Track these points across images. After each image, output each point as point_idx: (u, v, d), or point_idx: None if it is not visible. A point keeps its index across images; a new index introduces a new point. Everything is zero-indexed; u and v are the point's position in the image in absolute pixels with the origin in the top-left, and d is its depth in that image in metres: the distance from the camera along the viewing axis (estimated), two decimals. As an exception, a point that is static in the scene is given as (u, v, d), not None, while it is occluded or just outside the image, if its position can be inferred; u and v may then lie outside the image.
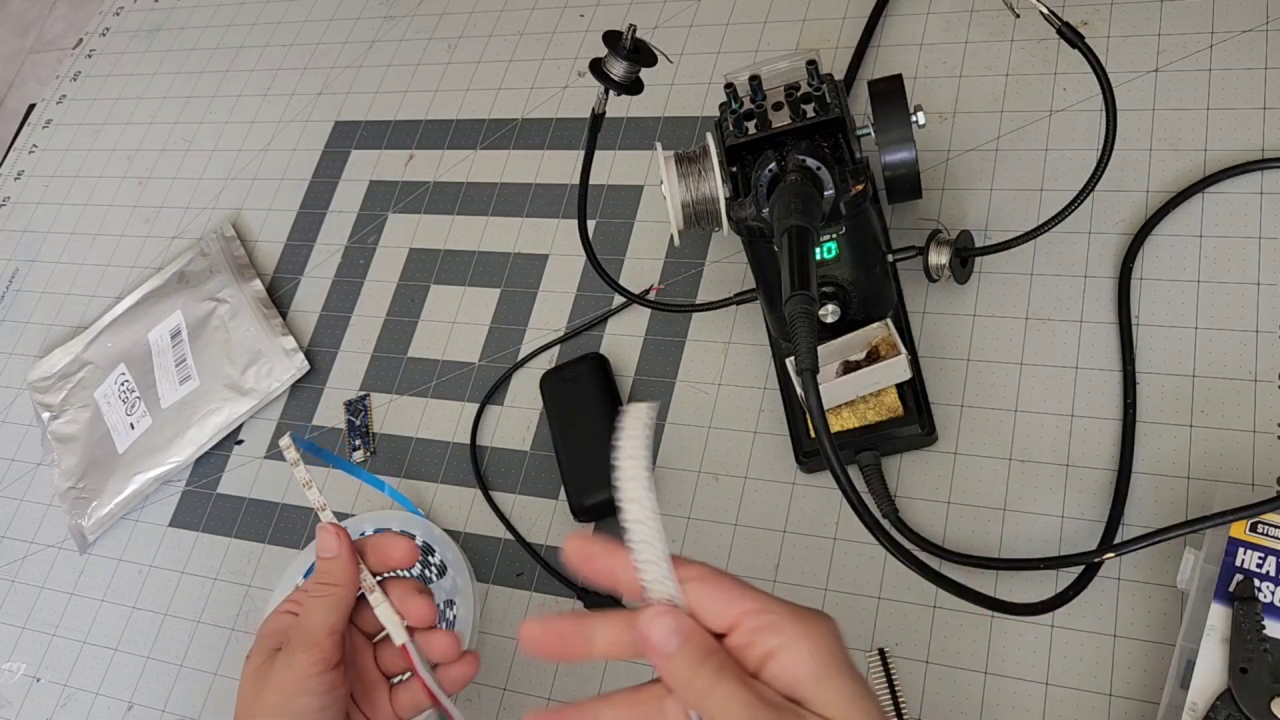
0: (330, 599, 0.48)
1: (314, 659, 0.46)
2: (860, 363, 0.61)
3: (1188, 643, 0.51)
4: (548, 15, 0.90)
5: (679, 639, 0.36)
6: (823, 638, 0.36)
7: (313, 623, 0.47)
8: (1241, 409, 0.59)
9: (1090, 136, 0.69)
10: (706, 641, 0.36)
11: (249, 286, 0.84)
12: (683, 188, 0.60)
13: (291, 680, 0.46)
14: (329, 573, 0.48)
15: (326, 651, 0.47)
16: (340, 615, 0.48)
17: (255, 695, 0.47)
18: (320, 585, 0.48)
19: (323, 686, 0.46)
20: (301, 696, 0.46)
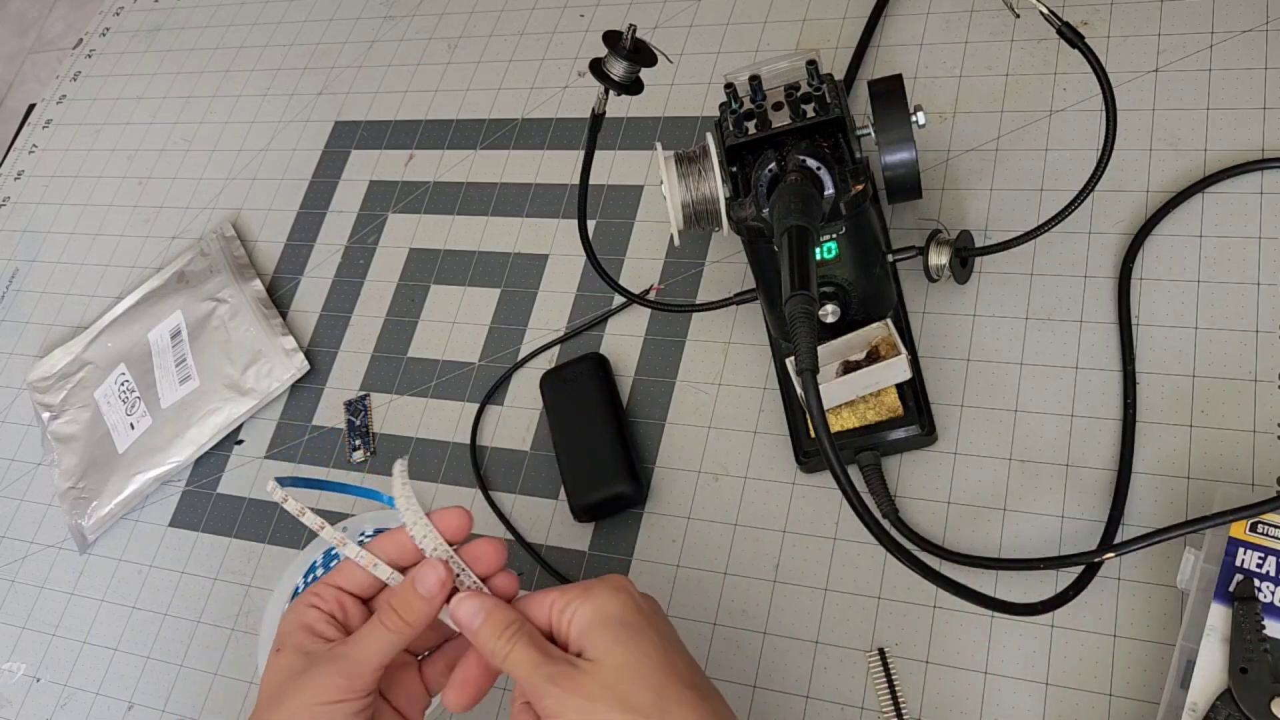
0: (397, 636, 0.47)
1: (354, 687, 0.46)
2: (860, 363, 0.61)
3: (1188, 643, 0.51)
4: (548, 15, 0.90)
5: (482, 615, 0.45)
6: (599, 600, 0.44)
7: (367, 653, 0.47)
8: (1241, 409, 0.59)
9: (1090, 136, 0.69)
10: (504, 615, 0.45)
11: (249, 286, 0.84)
12: (683, 188, 0.60)
13: (323, 697, 0.46)
14: (412, 610, 0.47)
15: (365, 684, 0.46)
16: (393, 653, 0.47)
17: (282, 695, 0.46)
18: (394, 617, 0.47)
19: (353, 710, 0.46)
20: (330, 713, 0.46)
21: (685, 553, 0.65)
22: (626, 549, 0.66)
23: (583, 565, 0.67)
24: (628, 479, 0.66)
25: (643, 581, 0.65)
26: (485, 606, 0.45)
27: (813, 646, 0.60)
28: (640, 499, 0.67)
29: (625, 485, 0.66)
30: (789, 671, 0.60)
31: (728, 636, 0.62)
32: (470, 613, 0.45)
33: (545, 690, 0.43)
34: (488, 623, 0.45)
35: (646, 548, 0.66)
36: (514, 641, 0.44)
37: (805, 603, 0.61)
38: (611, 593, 0.45)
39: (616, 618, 0.44)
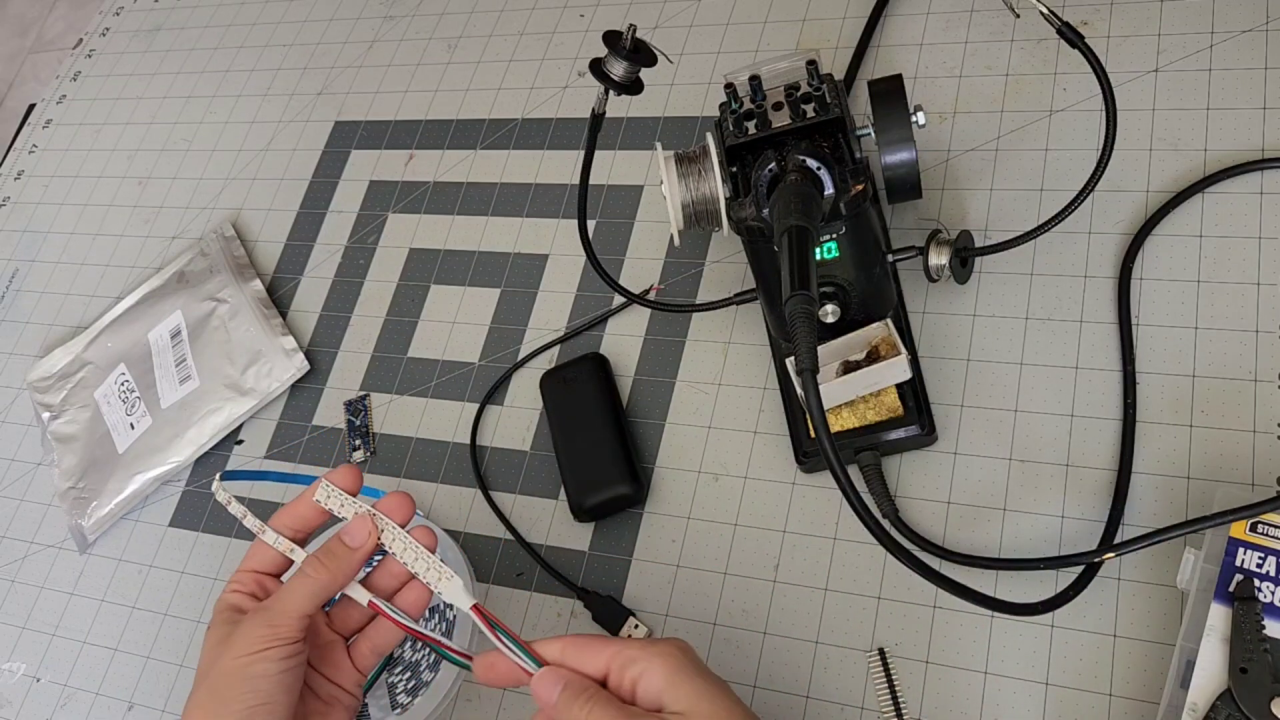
0: (317, 585, 0.50)
1: (276, 635, 0.48)
2: (860, 363, 0.61)
3: (1188, 643, 0.51)
4: (548, 15, 0.90)
5: (559, 687, 0.45)
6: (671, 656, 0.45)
7: (288, 604, 0.49)
8: (1241, 409, 0.59)
9: (1090, 136, 0.69)
10: (581, 683, 0.45)
11: (249, 286, 0.84)
12: (683, 188, 0.60)
13: (249, 647, 0.48)
14: (335, 558, 0.50)
15: (289, 630, 0.49)
16: (317, 605, 0.50)
17: (214, 659, 0.49)
18: (316, 564, 0.50)
19: (280, 655, 0.48)
20: (259, 663, 0.48)
21: (685, 553, 0.65)
22: (626, 549, 0.66)
23: (583, 565, 0.67)
24: (628, 479, 0.66)
25: (643, 581, 0.65)
26: (562, 678, 0.46)
27: (813, 646, 0.60)
28: (640, 499, 0.67)
29: (625, 485, 0.66)
30: (789, 671, 0.60)
31: (728, 636, 0.62)
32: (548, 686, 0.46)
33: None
34: (566, 691, 0.45)
35: (646, 548, 0.66)
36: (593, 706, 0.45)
37: (805, 603, 0.61)
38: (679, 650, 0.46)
39: (692, 672, 0.45)
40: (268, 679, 0.48)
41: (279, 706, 0.48)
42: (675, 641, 0.47)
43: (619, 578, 0.66)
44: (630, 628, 0.63)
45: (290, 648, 0.48)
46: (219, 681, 0.48)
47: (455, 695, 0.65)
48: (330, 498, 0.53)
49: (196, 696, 0.48)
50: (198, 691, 0.48)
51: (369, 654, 0.53)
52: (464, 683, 0.65)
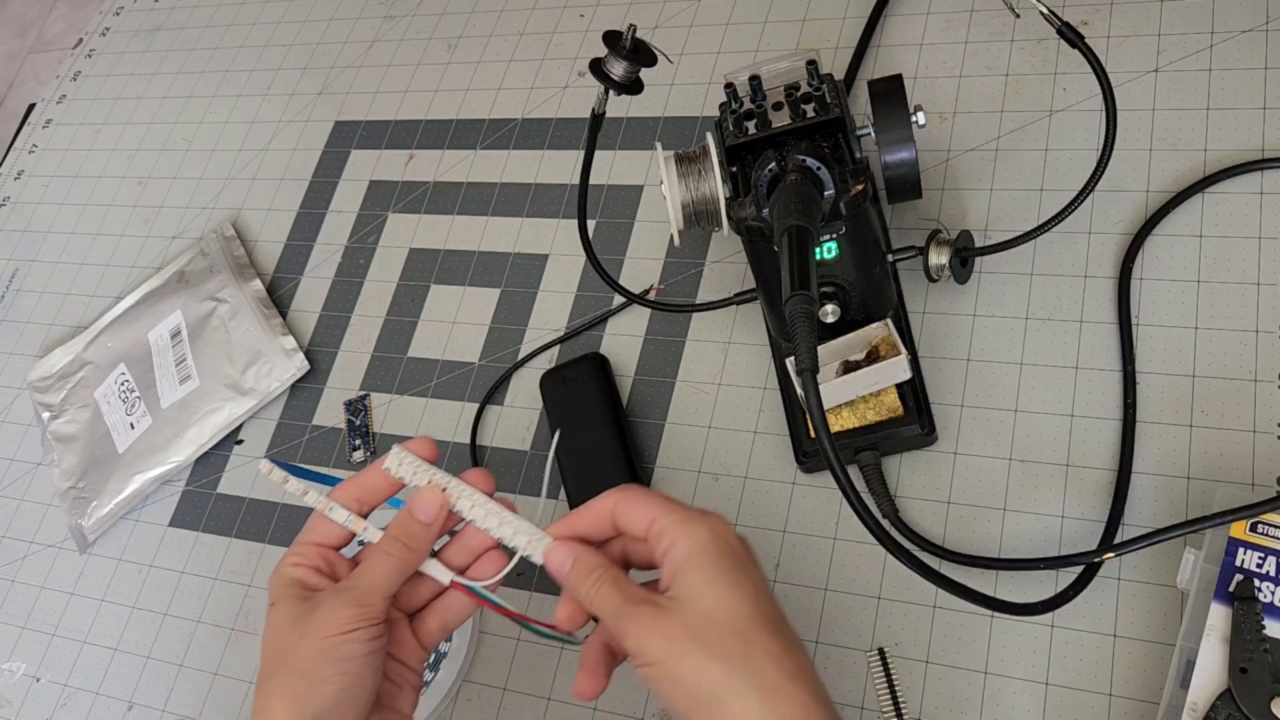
0: (400, 562, 0.48)
1: (366, 614, 0.46)
2: (860, 363, 0.61)
3: (1188, 643, 0.51)
4: (548, 15, 0.90)
5: (570, 560, 0.46)
6: (696, 539, 0.44)
7: (372, 581, 0.47)
8: (1241, 409, 0.59)
9: (1090, 136, 0.69)
10: (590, 560, 0.46)
11: (249, 286, 0.84)
12: (683, 188, 0.60)
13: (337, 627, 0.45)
14: (413, 536, 0.48)
15: (376, 611, 0.46)
16: (399, 581, 0.48)
17: (295, 641, 0.45)
18: (397, 543, 0.48)
19: (369, 635, 0.46)
20: (348, 644, 0.45)
21: (685, 553, 0.65)
22: (626, 549, 0.66)
23: (583, 565, 0.67)
24: (628, 479, 0.66)
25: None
26: (573, 553, 0.46)
27: (813, 646, 0.60)
28: (640, 499, 0.67)
29: (625, 485, 0.66)
30: (789, 671, 0.60)
31: (728, 636, 0.62)
32: (559, 561, 0.47)
33: (627, 630, 0.43)
34: (575, 567, 0.46)
35: (646, 548, 0.66)
36: (599, 585, 0.45)
37: (805, 603, 0.61)
38: (710, 534, 0.44)
39: (712, 560, 0.43)
40: (356, 660, 0.45)
41: (366, 689, 0.46)
42: (710, 521, 0.45)
43: (619, 578, 0.65)
44: None
45: (377, 628, 0.46)
46: (307, 663, 0.45)
47: (455, 695, 0.65)
48: (403, 465, 0.50)
49: (282, 679, 0.45)
50: (282, 674, 0.45)
51: (437, 630, 0.51)
52: (464, 682, 0.65)
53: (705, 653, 0.41)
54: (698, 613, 0.42)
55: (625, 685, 0.62)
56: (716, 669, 0.41)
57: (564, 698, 0.63)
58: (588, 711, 0.62)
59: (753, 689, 0.41)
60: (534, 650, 0.65)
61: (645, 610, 0.43)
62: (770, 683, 0.41)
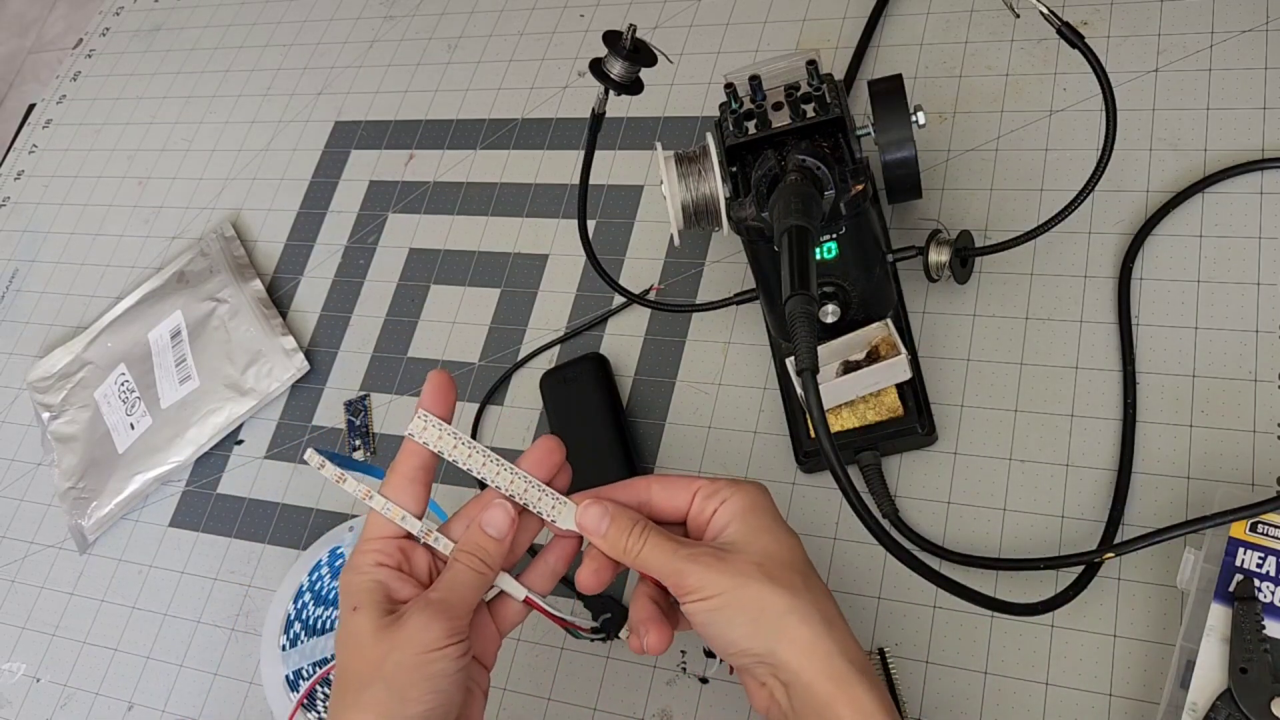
0: (483, 579, 0.48)
1: (453, 630, 0.45)
2: (860, 363, 0.61)
3: (1188, 643, 0.51)
4: (548, 15, 0.90)
5: (607, 519, 0.47)
6: (749, 495, 0.47)
7: (460, 596, 0.47)
8: (1241, 409, 0.59)
9: (1090, 136, 0.69)
10: (629, 514, 0.47)
11: (249, 286, 0.84)
12: (683, 188, 0.60)
13: (430, 643, 0.44)
14: (488, 553, 0.48)
15: (465, 625, 0.46)
16: (481, 594, 0.48)
17: (385, 653, 0.45)
18: (475, 560, 0.48)
19: (459, 652, 0.45)
20: (441, 661, 0.45)
21: (685, 553, 0.65)
22: (626, 549, 0.66)
23: (583, 565, 0.67)
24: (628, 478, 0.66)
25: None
26: (609, 511, 0.47)
27: (813, 646, 0.60)
28: (640, 499, 0.67)
29: (625, 485, 0.66)
30: (789, 671, 0.60)
31: (728, 636, 0.62)
32: (595, 519, 0.47)
33: (687, 569, 0.45)
34: (615, 525, 0.47)
35: (646, 548, 0.66)
36: (644, 537, 0.46)
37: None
38: (760, 491, 0.48)
39: (766, 511, 0.47)
40: (448, 678, 0.45)
41: (455, 706, 0.46)
42: (757, 484, 0.48)
43: (619, 578, 0.65)
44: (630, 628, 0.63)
45: (466, 643, 0.46)
46: (398, 678, 0.44)
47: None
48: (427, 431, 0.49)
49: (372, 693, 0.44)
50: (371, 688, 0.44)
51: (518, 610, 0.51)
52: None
53: (772, 583, 0.44)
54: (759, 551, 0.45)
55: (626, 686, 0.62)
56: (783, 596, 0.44)
57: (564, 698, 0.63)
58: (588, 712, 0.62)
59: (816, 614, 0.44)
60: (534, 650, 0.65)
61: (705, 550, 0.45)
62: (828, 613, 0.45)
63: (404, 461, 0.50)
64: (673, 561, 0.45)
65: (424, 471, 0.50)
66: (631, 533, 0.46)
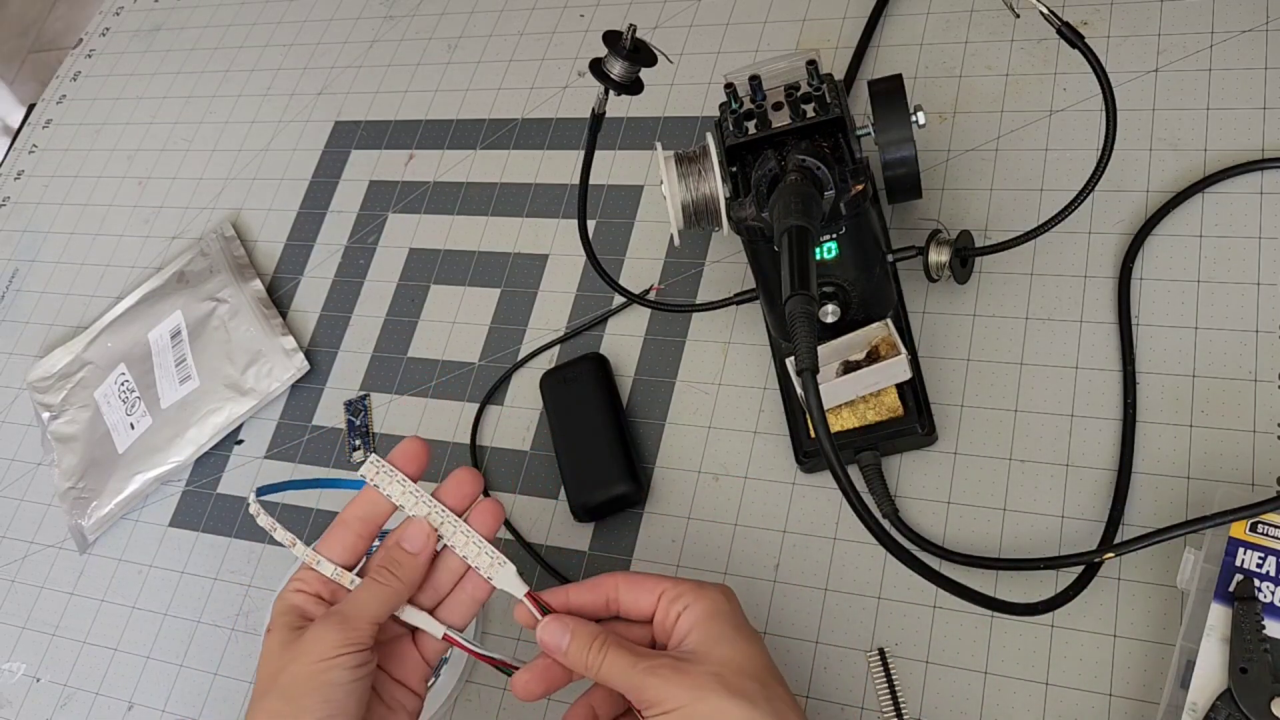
0: (389, 591, 0.49)
1: (349, 640, 0.47)
2: (860, 363, 0.61)
3: (1188, 643, 0.51)
4: (548, 15, 0.90)
5: (567, 636, 0.47)
6: (712, 600, 0.47)
7: (360, 609, 0.48)
8: (1241, 409, 0.59)
9: (1090, 136, 0.69)
10: (589, 629, 0.47)
11: (249, 286, 0.84)
12: (683, 188, 0.60)
13: (323, 653, 0.46)
14: (401, 566, 0.49)
15: (363, 637, 0.47)
16: (389, 610, 0.49)
17: (283, 665, 0.46)
18: (386, 573, 0.49)
19: (354, 663, 0.46)
20: (333, 670, 0.46)
21: (685, 553, 0.65)
22: (626, 549, 0.66)
23: (583, 565, 0.67)
24: (628, 479, 0.66)
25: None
26: (569, 627, 0.47)
27: (813, 646, 0.60)
28: (640, 499, 0.67)
29: (625, 485, 0.66)
30: (789, 671, 0.60)
31: (728, 636, 0.62)
32: (556, 636, 0.47)
33: (647, 683, 0.45)
34: (575, 641, 0.47)
35: (646, 548, 0.66)
36: (605, 651, 0.46)
37: (805, 603, 0.61)
38: (723, 596, 0.48)
39: (727, 617, 0.47)
40: (340, 687, 0.46)
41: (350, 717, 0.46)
42: (721, 588, 0.48)
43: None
44: None
45: (363, 654, 0.47)
46: (292, 688, 0.46)
47: (455, 698, 0.65)
48: (379, 475, 0.50)
49: (267, 703, 0.46)
50: (267, 698, 0.46)
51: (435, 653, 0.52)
52: (465, 682, 0.65)
53: (730, 695, 0.44)
54: (718, 661, 0.45)
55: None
56: (741, 707, 0.44)
57: (563, 697, 0.63)
58: (588, 711, 0.62)
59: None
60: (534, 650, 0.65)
61: (664, 662, 0.45)
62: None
63: (348, 509, 0.51)
64: (631, 675, 0.45)
65: (363, 523, 0.51)
66: (591, 647, 0.47)
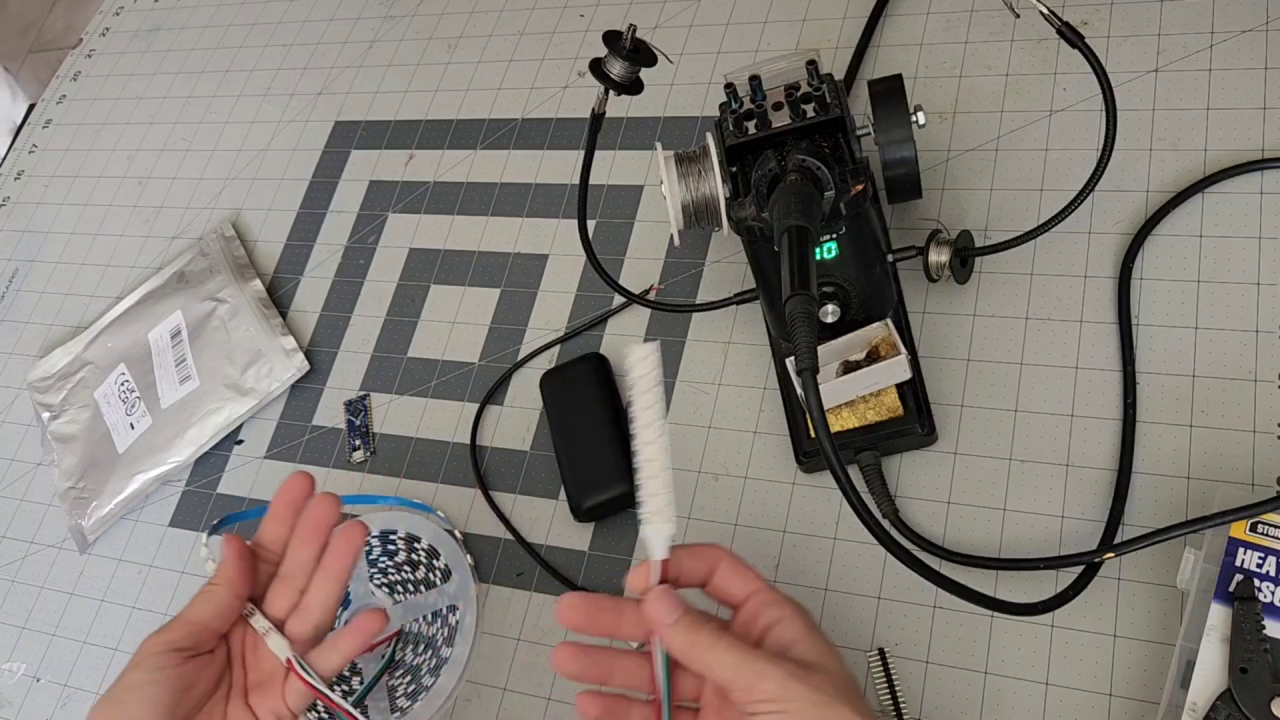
0: (204, 597, 0.52)
1: (162, 639, 0.50)
2: (860, 363, 0.61)
3: (1188, 643, 0.51)
4: (548, 15, 0.90)
5: (678, 611, 0.46)
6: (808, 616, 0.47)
7: (184, 613, 0.52)
8: (1241, 409, 0.59)
9: (1090, 136, 0.69)
10: (698, 612, 0.46)
11: (249, 286, 0.84)
12: (683, 188, 0.60)
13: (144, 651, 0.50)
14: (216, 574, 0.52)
15: (175, 635, 0.50)
16: (208, 612, 0.51)
17: None
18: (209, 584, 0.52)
19: (155, 664, 0.49)
20: (134, 672, 0.49)
21: (685, 553, 0.65)
22: (626, 549, 0.66)
23: (583, 565, 0.67)
24: (628, 479, 0.66)
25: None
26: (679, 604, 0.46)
27: (813, 646, 0.60)
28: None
29: (625, 485, 0.66)
30: (789, 671, 0.60)
31: (728, 636, 0.62)
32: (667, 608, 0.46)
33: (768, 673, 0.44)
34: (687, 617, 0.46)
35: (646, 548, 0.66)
36: (717, 638, 0.45)
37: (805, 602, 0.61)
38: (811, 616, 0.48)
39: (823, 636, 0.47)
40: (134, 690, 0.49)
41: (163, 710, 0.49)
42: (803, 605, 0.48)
43: (619, 578, 0.65)
44: None
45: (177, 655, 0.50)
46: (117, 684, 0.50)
47: (455, 699, 0.65)
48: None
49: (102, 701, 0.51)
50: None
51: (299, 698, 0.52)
52: (465, 683, 0.65)
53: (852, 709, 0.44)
54: (837, 673, 0.45)
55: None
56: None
57: (564, 697, 0.63)
58: (588, 711, 0.62)
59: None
60: (534, 650, 0.65)
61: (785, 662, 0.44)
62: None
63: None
64: (751, 663, 0.44)
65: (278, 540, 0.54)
66: (704, 629, 0.45)
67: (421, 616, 0.67)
